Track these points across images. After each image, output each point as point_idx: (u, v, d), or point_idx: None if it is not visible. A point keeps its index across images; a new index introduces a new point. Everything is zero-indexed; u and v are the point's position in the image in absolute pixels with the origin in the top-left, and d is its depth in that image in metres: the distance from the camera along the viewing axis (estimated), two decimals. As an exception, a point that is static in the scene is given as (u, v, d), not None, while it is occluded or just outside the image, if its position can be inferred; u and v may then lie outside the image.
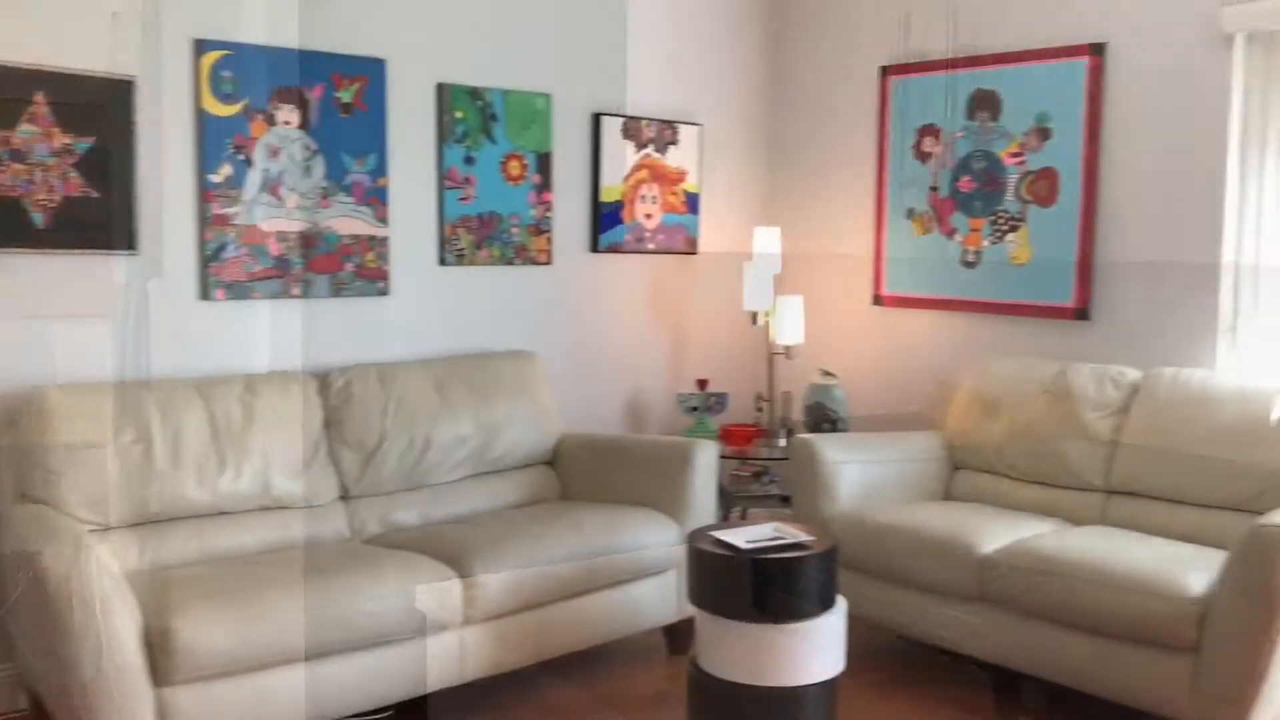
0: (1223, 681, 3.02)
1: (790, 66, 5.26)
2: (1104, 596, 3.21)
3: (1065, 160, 4.30)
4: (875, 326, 4.99)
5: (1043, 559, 3.38)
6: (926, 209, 4.74)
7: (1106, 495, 3.88)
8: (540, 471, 4.19)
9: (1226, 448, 3.56)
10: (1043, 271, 4.38)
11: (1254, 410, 3.55)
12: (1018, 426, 4.08)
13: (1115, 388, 3.95)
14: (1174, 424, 3.71)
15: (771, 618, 3.12)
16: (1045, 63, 4.33)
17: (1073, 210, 4.28)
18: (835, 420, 4.67)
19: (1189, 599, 3.08)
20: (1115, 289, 4.21)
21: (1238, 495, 3.53)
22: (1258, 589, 2.95)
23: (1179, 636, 3.08)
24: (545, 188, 4.52)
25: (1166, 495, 3.71)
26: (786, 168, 5.31)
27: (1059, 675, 3.37)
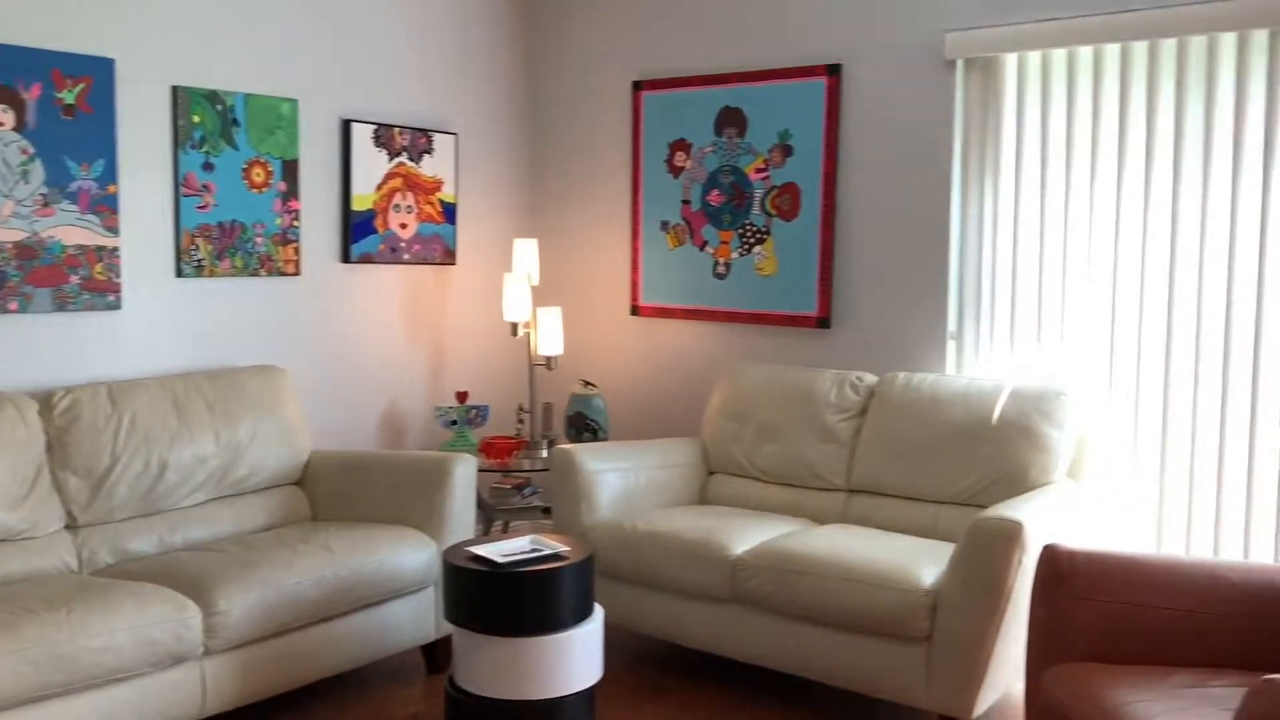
0: (953, 667, 3.21)
1: (547, 78, 5.27)
2: (845, 591, 3.35)
3: (806, 176, 4.49)
4: (634, 336, 5.06)
5: (788, 558, 3.50)
6: (679, 221, 4.85)
7: (848, 494, 4.06)
8: (288, 492, 4.02)
9: (954, 445, 3.80)
10: (788, 282, 4.56)
11: (978, 410, 3.80)
12: (766, 431, 4.22)
13: (855, 392, 4.15)
14: (907, 424, 3.93)
15: (527, 630, 3.11)
16: (787, 82, 4.51)
17: (814, 224, 4.48)
18: (596, 430, 4.71)
19: (922, 590, 3.26)
20: (854, 299, 4.43)
21: (966, 490, 3.77)
22: (982, 578, 3.16)
23: (913, 627, 3.25)
24: (292, 196, 4.36)
25: (902, 492, 3.92)
26: (545, 179, 5.32)
27: (808, 671, 3.49)
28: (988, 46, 4.02)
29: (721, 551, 3.63)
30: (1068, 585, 2.76)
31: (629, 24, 4.98)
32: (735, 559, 3.61)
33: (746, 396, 4.33)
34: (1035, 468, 3.67)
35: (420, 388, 4.93)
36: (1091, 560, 2.79)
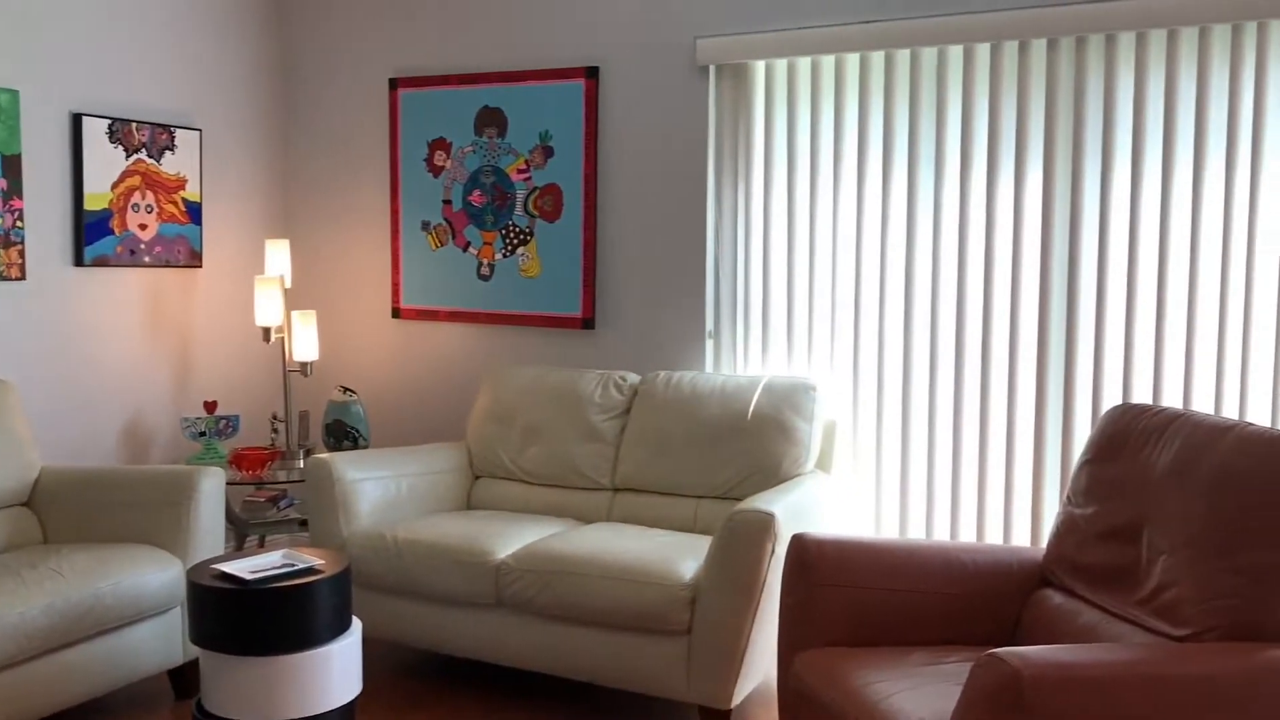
0: (712, 658, 3.28)
1: (300, 74, 5.09)
2: (607, 589, 3.37)
3: (568, 177, 4.50)
4: (395, 340, 4.95)
5: (551, 560, 3.49)
6: (441, 222, 4.78)
7: (613, 493, 4.10)
8: (14, 514, 3.72)
9: (712, 441, 3.89)
10: (552, 283, 4.56)
11: (734, 406, 3.91)
12: (532, 432, 4.21)
13: (619, 391, 4.19)
14: (669, 422, 3.99)
15: (279, 649, 2.98)
16: (546, 83, 4.51)
17: (576, 225, 4.50)
18: (356, 437, 4.57)
19: (681, 585, 3.32)
20: (617, 299, 4.47)
21: (723, 484, 3.86)
22: (737, 570, 3.24)
23: (673, 621, 3.31)
24: (14, 194, 4.03)
25: (665, 488, 3.98)
26: (299, 178, 5.13)
27: (574, 671, 3.50)
28: (737, 54, 4.13)
29: (485, 556, 3.59)
30: (815, 573, 2.86)
31: (385, 20, 4.86)
32: (499, 563, 3.57)
33: (511, 398, 4.30)
34: (788, 460, 3.80)
35: (165, 398, 4.66)
36: (837, 548, 2.91)
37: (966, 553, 2.98)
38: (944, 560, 2.95)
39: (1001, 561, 2.98)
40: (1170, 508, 2.60)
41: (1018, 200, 3.78)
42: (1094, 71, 3.66)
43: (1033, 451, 3.80)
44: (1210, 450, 2.56)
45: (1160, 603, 2.55)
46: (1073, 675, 2.10)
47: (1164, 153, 3.57)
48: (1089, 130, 3.67)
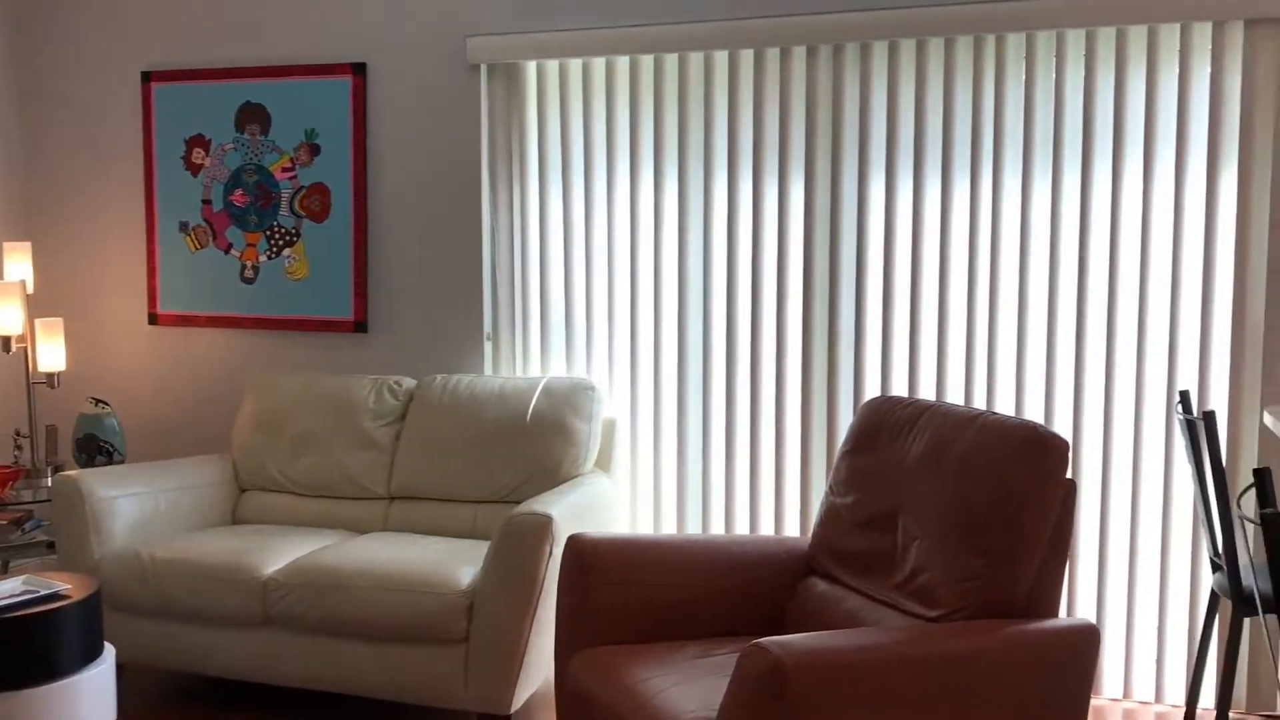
0: (491, 664, 3.24)
1: (41, 66, 4.74)
2: (382, 601, 3.29)
3: (336, 176, 4.36)
4: (153, 348, 4.67)
5: (323, 573, 3.38)
6: (200, 223, 4.54)
7: (389, 501, 4.00)
8: None
9: (491, 445, 3.85)
10: (322, 286, 4.41)
11: (513, 408, 3.88)
12: (303, 442, 4.06)
13: (394, 396, 4.09)
14: (446, 427, 3.93)
15: (21, 682, 2.76)
16: (311, 79, 4.36)
17: (346, 225, 4.36)
18: (111, 452, 4.29)
19: (458, 592, 3.26)
20: (391, 302, 4.36)
21: (503, 488, 3.83)
22: (515, 573, 3.21)
23: (451, 629, 3.25)
24: None
25: (443, 495, 3.91)
26: (42, 177, 4.78)
27: (349, 687, 3.39)
28: (508, 54, 4.11)
29: (251, 573, 3.43)
30: (591, 573, 2.87)
31: (136, 9, 4.58)
32: (266, 579, 3.42)
33: (280, 407, 4.13)
34: (567, 461, 3.80)
35: (-111, 415, 4.25)
36: (613, 547, 2.92)
37: (737, 545, 3.05)
38: (716, 554, 3.01)
39: (770, 553, 3.06)
40: (922, 495, 2.73)
41: (782, 200, 3.91)
42: (850, 78, 3.81)
43: (800, 444, 3.94)
44: (957, 439, 2.70)
45: (915, 586, 2.68)
46: (832, 661, 2.18)
47: (914, 156, 3.76)
48: (847, 134, 3.83)
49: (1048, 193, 3.65)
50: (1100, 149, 3.59)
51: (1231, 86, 3.46)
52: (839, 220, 3.86)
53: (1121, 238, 3.59)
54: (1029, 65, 3.63)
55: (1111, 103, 3.56)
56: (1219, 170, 3.49)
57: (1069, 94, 3.61)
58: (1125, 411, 3.62)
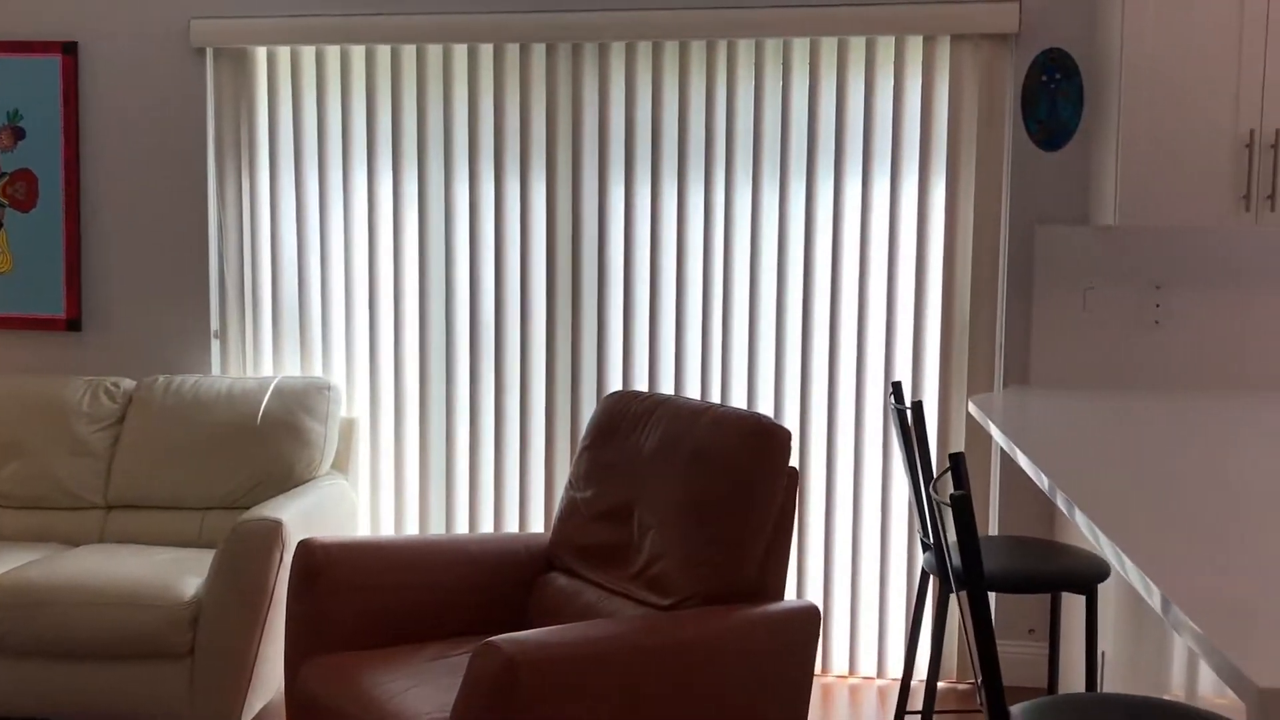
0: (217, 678, 3.08)
1: None
2: (96, 617, 3.07)
3: (44, 163, 4.04)
4: None
5: (28, 591, 3.12)
6: (-116, 210, 4.11)
7: (106, 511, 3.74)
8: None
9: (219, 449, 3.66)
10: (27, 280, 4.08)
11: (243, 409, 3.71)
12: (7, 449, 3.74)
13: (111, 399, 3.83)
14: (169, 431, 3.71)
15: None
16: (14, 57, 4.02)
17: (56, 215, 4.05)
18: None
19: (182, 604, 3.09)
20: (109, 298, 4.08)
21: (232, 493, 3.65)
22: (243, 582, 3.07)
23: (174, 643, 3.07)
24: None
25: (166, 502, 3.69)
26: None
27: (62, 710, 3.14)
28: (236, 38, 3.92)
29: (-58, 593, 3.13)
30: (323, 578, 2.77)
31: None
32: (-39, 600, 3.13)
33: (-22, 412, 3.79)
34: (301, 463, 3.66)
35: None
36: (346, 550, 2.84)
37: (478, 544, 3.03)
38: (456, 554, 2.97)
39: (510, 550, 3.05)
40: (656, 486, 2.79)
41: (525, 196, 3.91)
42: (590, 77, 3.85)
43: (545, 441, 3.95)
44: (689, 432, 2.77)
45: (650, 575, 2.73)
46: (564, 654, 2.19)
47: (652, 156, 3.84)
48: (588, 133, 3.87)
49: (776, 196, 3.80)
50: (824, 155, 3.77)
51: (940, 98, 3.71)
52: (580, 218, 3.89)
53: (844, 239, 3.79)
54: (758, 71, 3.77)
55: (833, 110, 3.75)
56: (930, 176, 3.73)
57: (795, 100, 3.77)
58: (848, 403, 3.82)
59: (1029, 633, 3.76)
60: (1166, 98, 3.27)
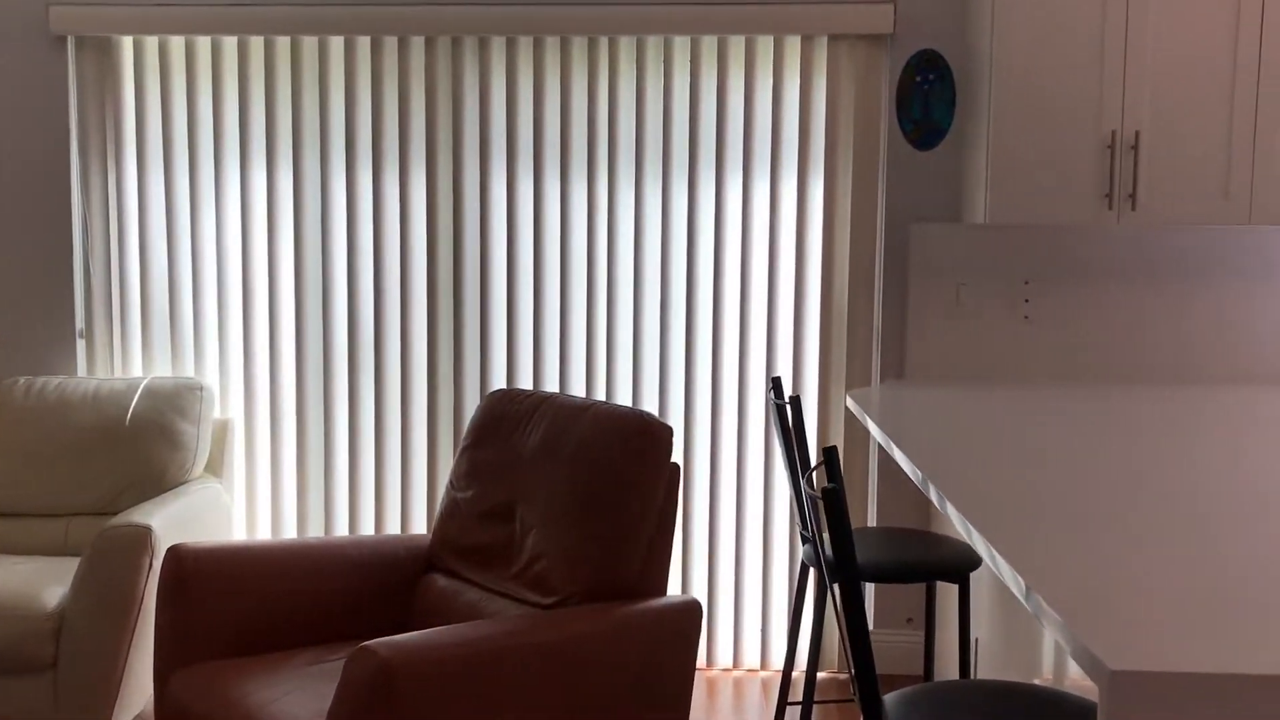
0: (82, 691, 2.97)
1: None
2: (-50, 632, 2.93)
3: (-109, 153, 3.83)
4: None
5: (-126, 605, 2.96)
6: None
7: (-38, 520, 3.57)
8: None
9: (85, 453, 3.52)
10: (-126, 278, 3.86)
11: (110, 412, 3.57)
12: None
13: (-33, 403, 3.65)
14: (31, 435, 3.55)
15: None
16: None
17: (-95, 210, 3.85)
18: None
19: (44, 615, 2.96)
20: (-37, 296, 3.90)
21: (100, 499, 3.51)
22: (110, 591, 2.96)
23: (36, 656, 2.95)
24: None
25: (27, 510, 3.53)
26: None
27: (-92, 731, 2.99)
28: (99, 25, 3.77)
29: None
30: (194, 585, 2.69)
31: None
32: None
33: None
34: (172, 467, 3.54)
35: None
36: (218, 556, 2.75)
37: (356, 547, 2.97)
38: (334, 557, 2.91)
39: (390, 552, 3.00)
40: (538, 484, 2.77)
41: (404, 192, 3.85)
42: (470, 71, 3.81)
43: (427, 441, 3.89)
44: (570, 429, 2.76)
45: (531, 574, 2.71)
46: (441, 656, 2.16)
47: (534, 152, 3.81)
48: (468, 128, 3.82)
49: (659, 193, 3.81)
50: (705, 152, 3.79)
51: (818, 97, 3.76)
52: (462, 214, 3.85)
53: (725, 236, 3.82)
54: (639, 69, 3.78)
55: (714, 108, 3.78)
56: (809, 174, 3.79)
57: (677, 98, 3.79)
58: (731, 399, 3.86)
59: (907, 622, 3.85)
60: (1034, 100, 3.37)
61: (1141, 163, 3.36)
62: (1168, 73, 3.33)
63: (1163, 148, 3.35)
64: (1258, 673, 1.19)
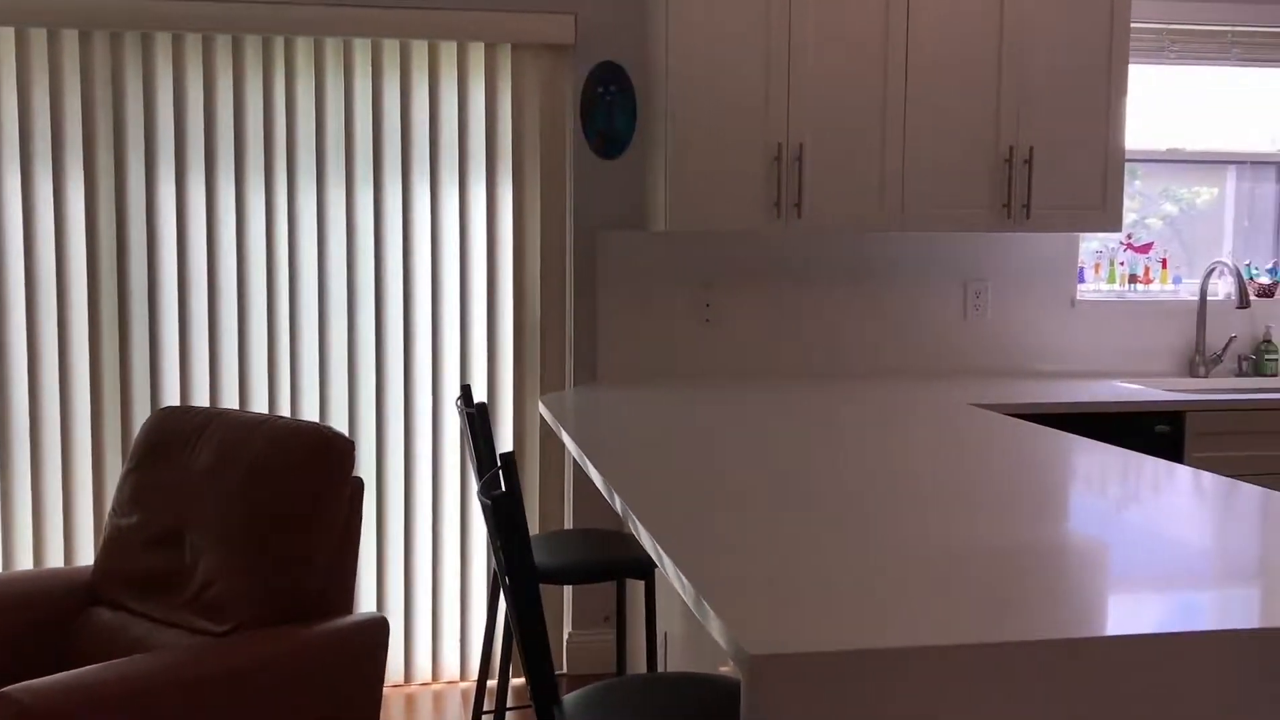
0: None
1: None
2: None
3: None
4: None
5: None
6: None
7: None
8: None
9: None
10: None
11: None
12: None
13: None
14: None
15: None
16: None
17: None
18: None
19: None
20: None
21: None
22: None
23: None
24: None
25: None
26: None
27: None
28: None
29: None
30: None
31: None
32: None
33: None
34: None
35: None
36: None
37: (5, 584, 2.70)
38: (-23, 596, 2.64)
39: (47, 587, 2.75)
40: (210, 506, 2.62)
41: (58, 194, 3.55)
42: (132, 68, 3.57)
43: (92, 465, 3.61)
44: (244, 446, 2.63)
45: (204, 601, 2.56)
46: (93, 697, 2.00)
47: (205, 154, 3.62)
48: (131, 128, 3.58)
49: (343, 199, 3.70)
50: (390, 158, 3.72)
51: (504, 105, 3.77)
52: (126, 220, 3.59)
53: (415, 243, 3.76)
54: (318, 71, 3.66)
55: (398, 114, 3.71)
56: (498, 181, 3.79)
57: (359, 103, 3.69)
58: (425, 409, 3.80)
59: (605, 620, 3.92)
60: (708, 112, 3.51)
61: (806, 173, 3.57)
62: (828, 88, 3.56)
63: (824, 159, 3.58)
64: (885, 646, 1.28)
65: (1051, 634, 1.32)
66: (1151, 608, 1.44)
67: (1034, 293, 4.10)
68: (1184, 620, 1.38)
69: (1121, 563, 1.64)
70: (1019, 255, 4.08)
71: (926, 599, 1.45)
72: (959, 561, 1.63)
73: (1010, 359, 4.10)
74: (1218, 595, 1.50)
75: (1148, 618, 1.40)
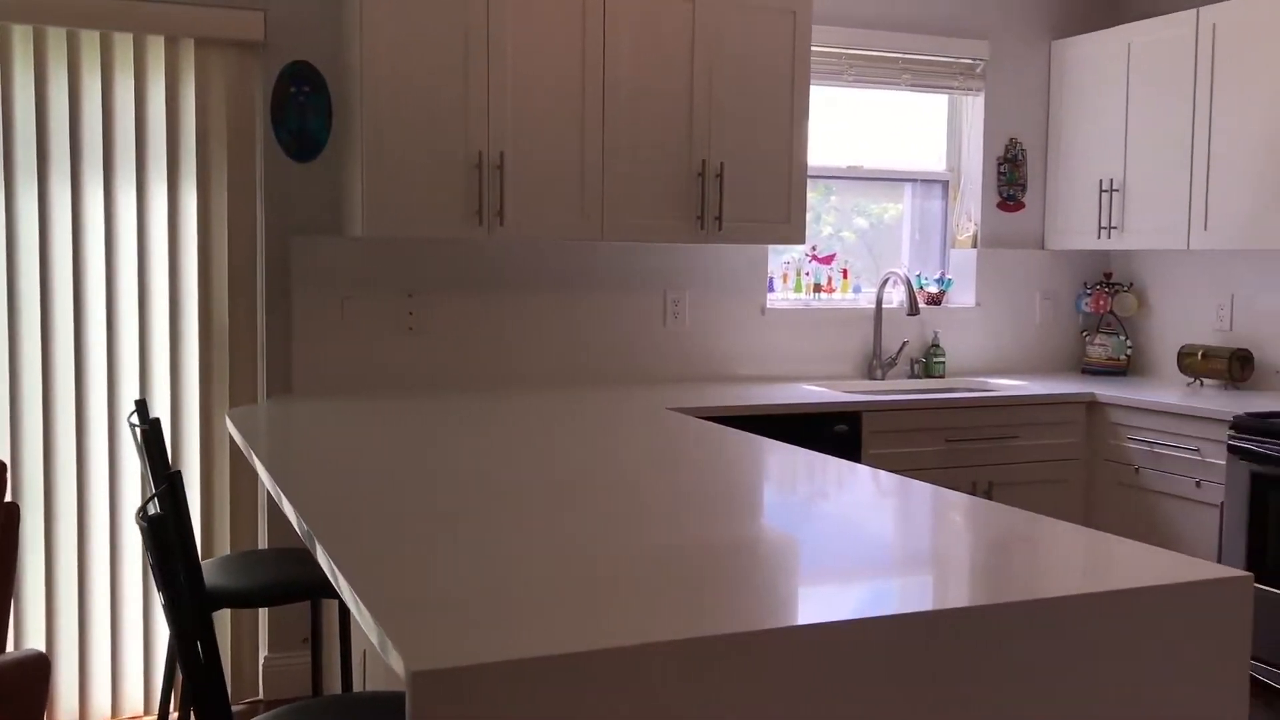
0: None
1: None
2: None
3: None
4: None
5: None
6: None
7: None
8: None
9: None
10: None
11: None
12: None
13: None
14: None
15: None
16: None
17: None
18: None
19: None
20: None
21: None
22: None
23: None
24: None
25: None
26: None
27: None
28: None
29: None
30: None
31: None
32: None
33: None
34: None
35: None
36: None
37: None
38: None
39: None
40: None
41: None
42: None
43: None
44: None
45: None
46: None
47: None
48: None
49: (1, 198, 3.38)
50: (58, 155, 3.43)
51: (187, 102, 3.56)
52: None
53: (86, 249, 3.48)
54: (-28, 57, 3.33)
55: (66, 108, 3.43)
56: (181, 183, 3.57)
57: (19, 95, 3.38)
58: (100, 426, 3.52)
59: (303, 642, 3.77)
60: (405, 117, 3.45)
61: (508, 182, 3.57)
62: (528, 99, 3.58)
63: (526, 168, 3.59)
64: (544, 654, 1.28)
65: (735, 628, 1.37)
66: (833, 598, 1.52)
67: (728, 301, 4.27)
68: (872, 607, 1.46)
69: (809, 556, 1.72)
70: (714, 266, 4.25)
71: (608, 602, 1.47)
72: (645, 563, 1.66)
73: (707, 365, 4.25)
74: (895, 583, 1.60)
75: (839, 606, 1.47)
